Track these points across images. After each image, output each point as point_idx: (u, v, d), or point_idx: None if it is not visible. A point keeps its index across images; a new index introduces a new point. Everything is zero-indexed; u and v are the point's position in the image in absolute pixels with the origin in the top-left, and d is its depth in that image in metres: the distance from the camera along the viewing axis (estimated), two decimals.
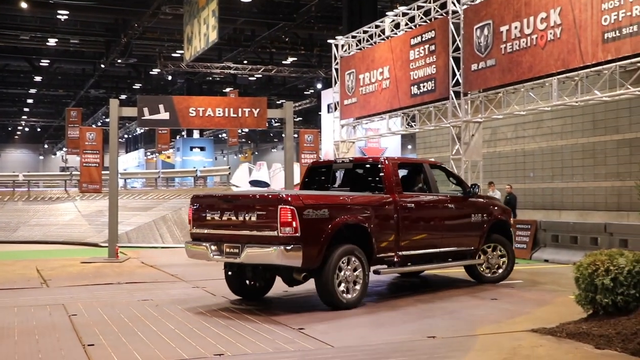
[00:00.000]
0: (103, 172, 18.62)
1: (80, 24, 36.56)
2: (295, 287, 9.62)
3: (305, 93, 53.01)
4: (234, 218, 8.60)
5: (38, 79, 49.05)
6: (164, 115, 15.29)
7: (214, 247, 8.79)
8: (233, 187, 26.58)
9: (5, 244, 22.66)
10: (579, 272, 7.02)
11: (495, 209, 11.15)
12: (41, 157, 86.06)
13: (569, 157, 19.75)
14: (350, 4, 28.87)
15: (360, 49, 24.06)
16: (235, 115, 15.53)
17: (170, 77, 47.79)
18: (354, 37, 24.40)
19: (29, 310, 8.59)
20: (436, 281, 11.61)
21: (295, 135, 24.32)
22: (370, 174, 10.05)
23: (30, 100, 59.42)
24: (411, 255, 9.73)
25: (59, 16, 33.13)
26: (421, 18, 20.38)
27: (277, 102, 50.23)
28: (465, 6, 18.04)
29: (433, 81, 19.52)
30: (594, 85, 15.27)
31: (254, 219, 8.39)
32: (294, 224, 8.07)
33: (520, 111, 17.48)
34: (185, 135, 57.73)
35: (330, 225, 8.45)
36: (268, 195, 8.72)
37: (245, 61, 42.04)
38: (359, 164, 10.65)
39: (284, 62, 42.18)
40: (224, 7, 26.10)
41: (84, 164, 17.44)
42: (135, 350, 6.27)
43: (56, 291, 10.48)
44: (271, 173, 42.98)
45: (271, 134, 74.59)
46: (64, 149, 56.93)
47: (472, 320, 7.79)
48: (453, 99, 18.65)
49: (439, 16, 19.37)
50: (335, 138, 25.83)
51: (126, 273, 12.78)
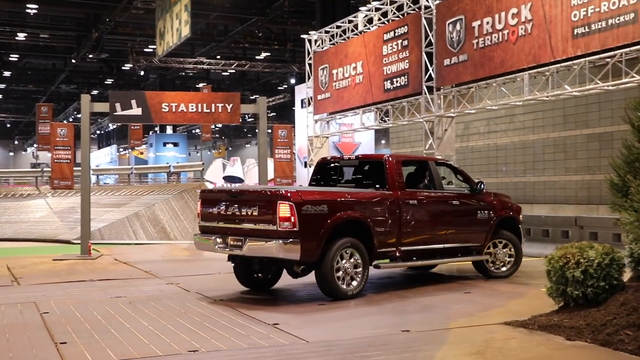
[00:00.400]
0: (75, 169, 18.42)
1: (50, 18, 36.11)
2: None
3: (278, 88, 52.95)
4: (238, 212, 9.00)
5: (7, 74, 48.36)
6: (136, 110, 15.16)
7: (219, 240, 9.21)
8: (207, 183, 26.45)
9: None
10: (551, 265, 7.10)
11: (503, 206, 11.24)
12: (11, 154, 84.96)
13: (540, 152, 19.95)
14: None
15: (333, 44, 24.07)
16: (208, 110, 15.46)
17: (142, 73, 47.41)
18: (327, 32, 24.40)
19: None
20: (414, 275, 11.67)
21: (269, 131, 24.27)
22: (374, 171, 10.29)
23: None
24: (414, 250, 9.94)
25: (28, 10, 32.71)
26: (394, 13, 20.45)
27: (251, 98, 50.08)
28: (437, 1, 18.12)
29: (406, 76, 19.59)
30: (564, 81, 15.45)
31: (256, 213, 8.79)
32: (293, 219, 8.41)
33: (492, 106, 17.62)
34: (158, 131, 57.32)
35: (329, 221, 8.74)
36: (269, 191, 9.04)
37: (218, 56, 41.85)
38: (363, 161, 10.99)
39: (257, 57, 42.06)
40: (196, 2, 25.96)
41: (55, 160, 17.23)
42: (108, 348, 6.23)
43: (27, 289, 10.36)
44: (245, 168, 42.87)
45: (245, 130, 74.39)
46: (35, 145, 56.22)
47: (446, 314, 7.85)
48: (426, 94, 18.74)
49: (412, 11, 19.45)
50: (309, 133, 25.84)
51: (99, 270, 12.67)
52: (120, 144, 67.43)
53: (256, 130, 17.12)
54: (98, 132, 73.08)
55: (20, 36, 36.97)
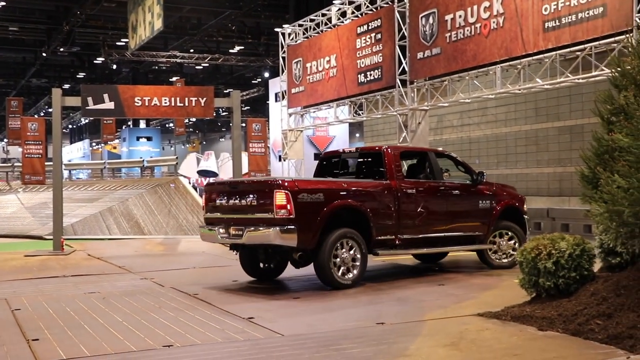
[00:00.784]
0: (46, 163, 18.21)
1: (19, 10, 35.52)
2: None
3: (252, 82, 52.75)
4: (238, 202, 9.32)
5: None
6: (108, 104, 15.03)
7: (222, 230, 9.52)
8: (181, 178, 26.31)
9: None
10: (523, 257, 7.18)
11: (505, 197, 11.35)
12: None
13: (512, 144, 20.13)
14: None
15: (307, 37, 24.04)
16: (181, 104, 15.37)
17: (115, 66, 46.93)
18: (300, 26, 24.36)
19: None
20: (388, 268, 11.72)
21: (243, 125, 24.21)
22: (374, 162, 10.60)
23: None
24: (413, 239, 10.12)
25: None
26: (367, 6, 20.47)
27: (225, 91, 49.88)
28: None
29: (379, 69, 19.64)
30: (536, 74, 15.60)
31: (255, 202, 9.09)
32: (289, 206, 8.71)
33: (465, 99, 17.74)
34: (131, 125, 56.85)
35: (325, 209, 9.01)
36: (266, 181, 9.44)
37: (191, 50, 41.58)
38: (364, 153, 11.32)
39: (230, 51, 41.87)
40: None
41: (26, 155, 17.03)
42: (81, 344, 6.18)
43: None
44: (219, 162, 42.72)
45: (219, 124, 74.06)
46: (5, 140, 55.48)
47: (421, 306, 7.90)
48: (400, 87, 18.81)
49: (385, 4, 19.49)
50: (283, 127, 25.79)
51: (72, 266, 12.56)
52: (92, 139, 66.75)
53: (230, 124, 17.05)
54: (70, 127, 72.28)
55: None
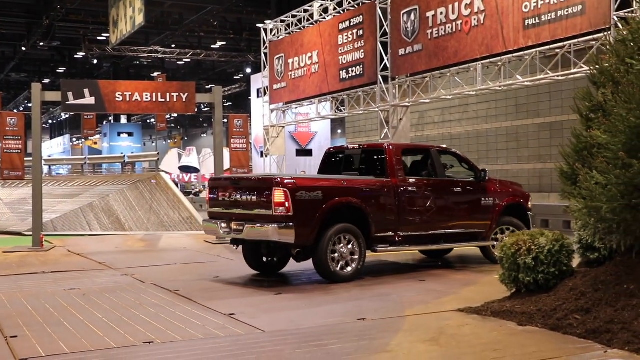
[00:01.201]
0: (26, 159, 18.05)
1: None
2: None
3: (234, 78, 52.60)
4: (240, 198, 9.59)
5: None
6: (89, 100, 14.91)
7: (223, 225, 9.78)
8: (162, 174, 26.19)
9: None
10: (503, 252, 7.23)
11: (509, 193, 11.40)
12: None
13: (493, 141, 20.25)
14: None
15: (289, 33, 24.01)
16: (163, 100, 15.29)
17: (95, 61, 46.60)
18: (282, 22, 24.33)
19: None
20: (370, 265, 11.74)
21: (225, 121, 24.13)
22: (376, 159, 10.68)
23: None
24: (414, 236, 10.22)
25: None
26: (349, 3, 20.48)
27: (206, 87, 49.68)
28: None
29: (361, 66, 19.66)
30: (516, 71, 15.70)
31: (255, 199, 9.35)
32: (287, 204, 8.91)
33: (446, 95, 17.82)
34: (112, 121, 56.53)
35: (323, 206, 9.17)
36: (266, 178, 9.77)
37: (173, 45, 41.37)
38: (366, 150, 11.34)
39: (212, 47, 41.72)
40: None
41: (5, 150, 16.84)
42: (60, 341, 6.14)
43: None
44: (201, 158, 42.62)
45: (201, 119, 73.78)
46: None
47: (402, 302, 7.93)
48: (381, 83, 18.85)
49: (367, 1, 19.52)
50: (265, 123, 25.76)
51: (52, 262, 12.46)
52: (73, 134, 66.26)
53: (212, 120, 16.99)
54: (50, 122, 71.70)
55: None
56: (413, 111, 21.01)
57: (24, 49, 40.16)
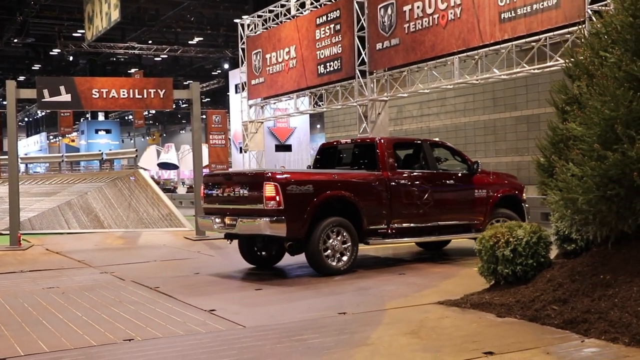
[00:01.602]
0: (1, 157, 17.86)
1: None
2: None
3: (212, 74, 52.41)
4: (232, 194, 9.75)
5: None
6: (65, 97, 14.78)
7: (217, 220, 9.96)
8: (141, 170, 26.02)
9: None
10: (481, 245, 7.28)
11: (503, 185, 11.48)
12: None
13: (471, 134, 20.38)
14: None
15: (266, 28, 23.96)
16: (140, 96, 15.20)
17: (71, 58, 46.17)
18: (259, 17, 24.26)
19: None
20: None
21: (203, 117, 24.04)
22: (368, 153, 10.74)
23: None
24: (407, 228, 10.33)
25: None
26: None
27: (184, 83, 49.44)
28: None
29: (339, 60, 19.68)
30: (493, 64, 15.80)
31: (247, 194, 9.50)
32: (278, 198, 9.05)
33: (424, 89, 17.88)
34: (89, 118, 56.07)
35: (314, 199, 9.31)
36: (256, 173, 9.88)
37: (150, 41, 41.10)
38: (358, 144, 11.40)
39: (190, 42, 41.50)
40: None
41: None
42: (39, 340, 6.10)
43: None
44: (180, 155, 42.44)
45: (179, 116, 73.42)
46: None
47: (382, 295, 7.96)
48: (359, 78, 18.88)
49: None
50: (244, 118, 25.70)
51: (29, 261, 12.36)
52: (50, 132, 65.62)
53: (190, 116, 16.91)
54: (26, 120, 70.93)
55: None
56: (391, 105, 21.08)
57: None
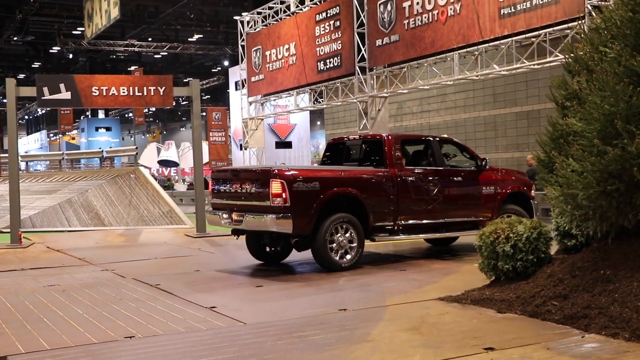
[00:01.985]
0: (2, 155, 17.87)
1: None
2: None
3: (212, 71, 52.37)
4: (239, 190, 9.84)
5: None
6: (65, 94, 14.78)
7: (225, 215, 10.06)
8: (141, 168, 26.01)
9: None
10: (482, 241, 7.28)
11: (511, 182, 11.45)
12: None
13: (471, 130, 20.37)
14: None
15: (266, 25, 23.94)
16: (140, 94, 15.19)
17: (71, 56, 46.14)
18: (259, 14, 24.24)
19: None
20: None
21: (203, 114, 24.02)
22: (375, 150, 10.77)
23: None
24: (414, 225, 10.37)
25: None
26: None
27: (184, 80, 49.41)
28: None
29: (339, 57, 19.66)
30: (493, 60, 15.78)
31: (254, 190, 9.58)
32: (284, 195, 9.11)
33: (424, 86, 17.87)
34: (90, 116, 56.04)
35: (321, 196, 9.35)
36: (263, 170, 9.96)
37: (149, 38, 41.07)
38: (366, 140, 11.40)
39: (189, 40, 41.47)
40: None
41: None
42: (40, 337, 6.11)
43: None
44: (180, 152, 42.38)
45: (179, 113, 73.39)
46: None
47: (383, 291, 7.97)
48: (359, 74, 18.87)
49: None
50: (244, 115, 25.69)
51: (30, 259, 12.37)
52: (50, 130, 65.60)
53: (191, 114, 16.90)
54: (27, 118, 70.93)
55: None
56: (391, 102, 21.07)
57: None
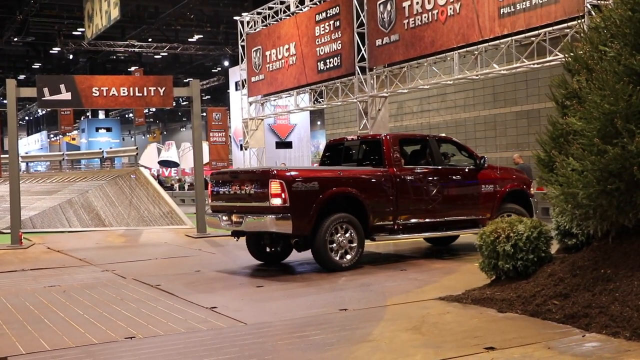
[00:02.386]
0: (2, 156, 17.87)
1: None
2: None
3: (212, 71, 52.36)
4: (239, 191, 9.85)
5: None
6: (65, 95, 14.79)
7: (225, 217, 10.11)
8: (141, 168, 26.03)
9: None
10: (482, 240, 7.28)
11: (511, 180, 11.45)
12: None
13: (472, 129, 20.37)
14: None
15: (266, 25, 23.95)
16: (140, 94, 15.20)
17: (71, 56, 46.15)
18: (259, 14, 24.25)
19: None
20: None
21: (204, 114, 24.03)
22: (374, 150, 10.82)
23: None
24: (413, 224, 10.38)
25: None
26: None
27: (184, 81, 49.40)
28: None
29: (339, 57, 19.66)
30: (493, 59, 15.78)
31: (253, 192, 9.59)
32: (283, 195, 9.12)
33: (424, 85, 17.87)
34: (90, 116, 56.07)
35: (320, 196, 9.36)
36: (262, 171, 9.84)
37: (150, 39, 41.07)
38: (364, 141, 11.46)
39: (189, 40, 41.47)
40: None
41: None
42: (41, 338, 6.11)
43: None
44: (180, 152, 42.41)
45: (180, 113, 73.39)
46: None
47: (383, 291, 7.96)
48: (359, 74, 18.87)
49: None
50: (244, 116, 25.69)
51: (31, 259, 12.37)
52: (50, 130, 65.62)
53: (191, 114, 16.90)
54: (27, 118, 70.94)
55: None
56: (391, 101, 21.06)
57: None
